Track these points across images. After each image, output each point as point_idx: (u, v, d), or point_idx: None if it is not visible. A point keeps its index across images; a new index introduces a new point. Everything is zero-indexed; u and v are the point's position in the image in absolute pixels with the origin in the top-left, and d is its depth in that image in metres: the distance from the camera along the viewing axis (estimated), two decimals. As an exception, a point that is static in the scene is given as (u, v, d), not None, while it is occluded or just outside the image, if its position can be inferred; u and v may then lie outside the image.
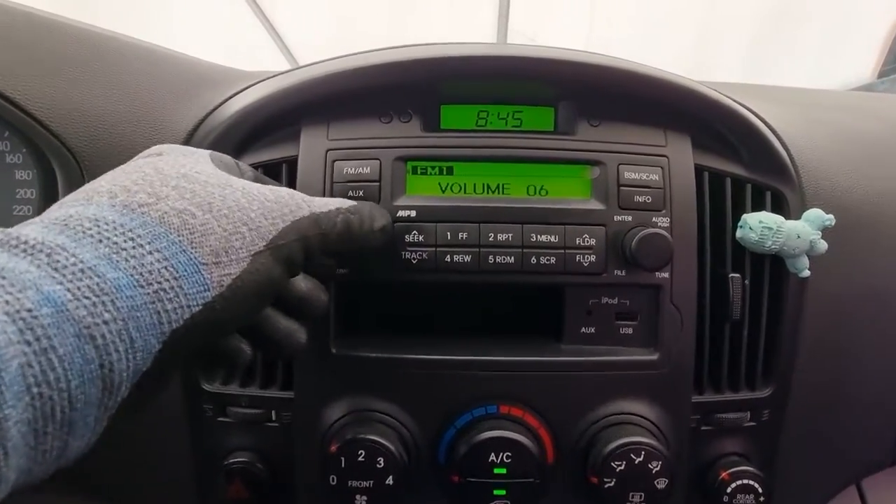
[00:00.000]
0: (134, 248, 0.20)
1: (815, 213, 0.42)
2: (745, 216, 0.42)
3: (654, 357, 0.38)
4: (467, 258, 0.36)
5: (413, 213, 0.37)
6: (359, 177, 0.38)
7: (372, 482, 0.34)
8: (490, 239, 0.36)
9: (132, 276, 0.20)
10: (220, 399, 0.41)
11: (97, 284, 0.19)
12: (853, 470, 0.49)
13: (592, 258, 0.37)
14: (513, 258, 0.36)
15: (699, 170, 0.41)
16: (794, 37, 1.87)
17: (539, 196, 0.38)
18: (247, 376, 0.41)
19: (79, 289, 0.18)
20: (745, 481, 0.40)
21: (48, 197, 0.53)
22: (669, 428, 0.38)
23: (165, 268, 0.21)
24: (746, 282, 0.42)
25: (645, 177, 0.38)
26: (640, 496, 0.35)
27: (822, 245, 0.42)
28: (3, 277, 0.17)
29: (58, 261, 0.19)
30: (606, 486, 0.35)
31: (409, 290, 0.39)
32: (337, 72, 0.37)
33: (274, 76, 0.46)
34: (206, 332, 0.22)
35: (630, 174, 0.38)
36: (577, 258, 0.37)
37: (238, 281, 0.23)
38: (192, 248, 0.22)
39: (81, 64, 0.42)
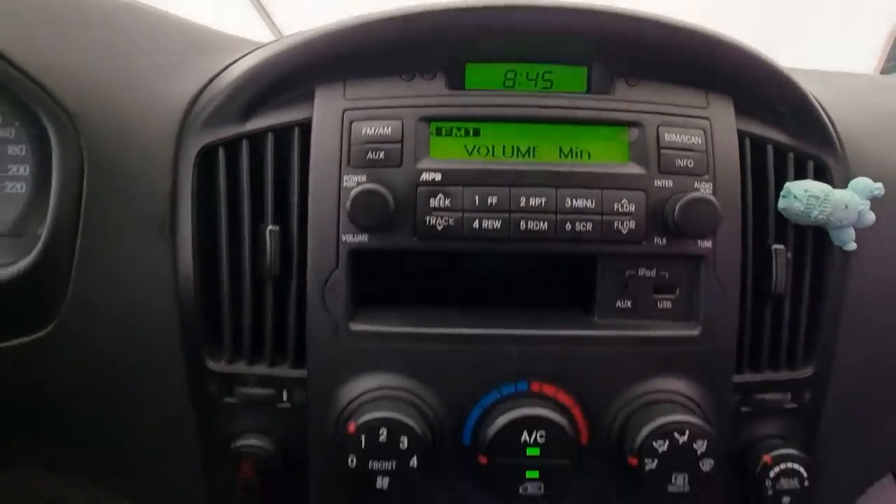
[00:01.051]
0: None
1: (862, 182, 0.39)
2: (788, 185, 0.39)
3: (696, 332, 0.36)
4: (497, 224, 0.34)
5: (438, 177, 0.34)
6: (379, 138, 0.35)
7: (395, 463, 0.32)
8: (521, 204, 0.34)
9: None
10: (226, 378, 0.39)
11: None
12: (892, 458, 0.47)
13: (632, 225, 0.34)
14: (546, 224, 0.34)
15: (741, 135, 0.38)
16: (796, 34, 1.85)
17: (573, 160, 0.36)
18: (255, 352, 0.39)
19: None
20: (790, 465, 0.38)
21: (42, 172, 0.50)
22: (710, 408, 0.36)
23: None
24: (789, 255, 0.40)
25: (686, 139, 0.35)
26: (684, 478, 0.33)
27: (871, 216, 0.39)
28: None
29: None
30: (647, 467, 0.33)
31: (429, 259, 0.36)
32: (355, 25, 0.34)
33: (282, 38, 0.43)
34: None
35: (671, 136, 0.35)
36: (616, 225, 0.34)
37: None
38: None
39: (79, 26, 0.40)
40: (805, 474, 0.38)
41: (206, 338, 0.39)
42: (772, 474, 0.38)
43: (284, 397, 0.38)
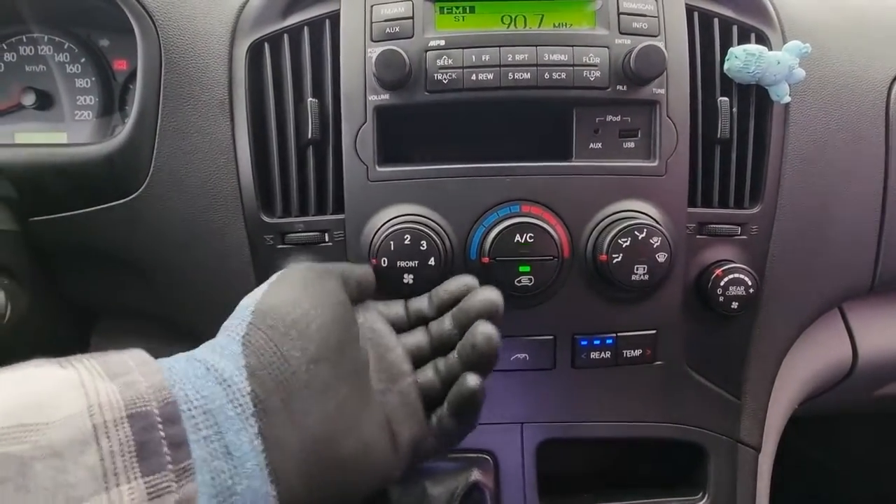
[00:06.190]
0: None
1: (793, 44, 0.47)
2: (731, 49, 0.47)
3: (654, 164, 0.45)
4: (490, 76, 0.43)
5: (442, 42, 0.43)
6: (394, 15, 0.44)
7: (417, 262, 0.41)
8: (509, 59, 0.42)
9: None
10: (280, 228, 0.48)
11: None
12: (834, 293, 0.54)
13: (597, 73, 0.43)
14: (529, 74, 0.42)
15: (690, 9, 0.47)
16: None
17: (551, 26, 0.44)
18: (301, 207, 0.48)
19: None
20: (737, 275, 0.46)
21: (106, 102, 0.61)
22: (669, 229, 0.44)
23: None
24: (734, 109, 0.48)
25: (642, 6, 0.44)
26: (644, 269, 0.42)
27: (801, 72, 0.47)
28: None
29: None
30: (615, 261, 0.42)
31: (441, 119, 0.45)
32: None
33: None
34: None
35: (628, 4, 0.44)
36: (585, 74, 0.43)
37: None
38: None
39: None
40: (750, 283, 0.46)
41: (260, 198, 0.48)
42: (722, 283, 0.46)
43: (327, 238, 0.47)
